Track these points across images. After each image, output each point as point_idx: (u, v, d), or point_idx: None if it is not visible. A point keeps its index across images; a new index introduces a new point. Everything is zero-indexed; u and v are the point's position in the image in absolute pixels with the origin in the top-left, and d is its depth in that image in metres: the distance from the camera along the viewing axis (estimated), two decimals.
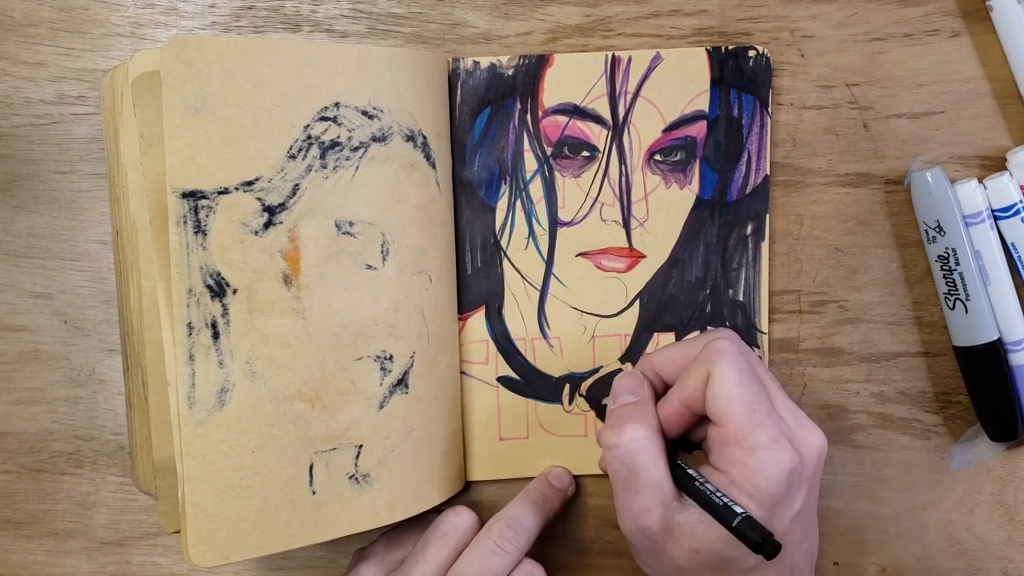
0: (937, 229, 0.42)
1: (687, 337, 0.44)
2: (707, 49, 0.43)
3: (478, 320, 0.45)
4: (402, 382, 0.41)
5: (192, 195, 0.36)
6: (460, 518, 0.41)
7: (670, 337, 0.45)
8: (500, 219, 0.44)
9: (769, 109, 0.44)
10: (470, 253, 0.44)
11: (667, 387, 0.40)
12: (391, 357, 0.40)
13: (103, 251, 0.44)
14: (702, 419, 0.39)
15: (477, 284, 0.44)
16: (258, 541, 0.37)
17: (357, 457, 0.40)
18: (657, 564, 0.38)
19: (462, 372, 0.45)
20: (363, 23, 0.44)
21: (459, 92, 0.43)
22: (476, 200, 0.44)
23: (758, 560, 0.36)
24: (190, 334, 0.36)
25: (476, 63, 0.43)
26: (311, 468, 0.39)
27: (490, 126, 0.43)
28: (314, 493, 0.39)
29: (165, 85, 0.35)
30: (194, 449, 0.36)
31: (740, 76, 0.43)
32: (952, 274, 0.43)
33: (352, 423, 0.39)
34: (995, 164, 0.44)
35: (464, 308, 0.44)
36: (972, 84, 0.44)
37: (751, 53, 0.43)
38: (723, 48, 0.43)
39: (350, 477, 0.40)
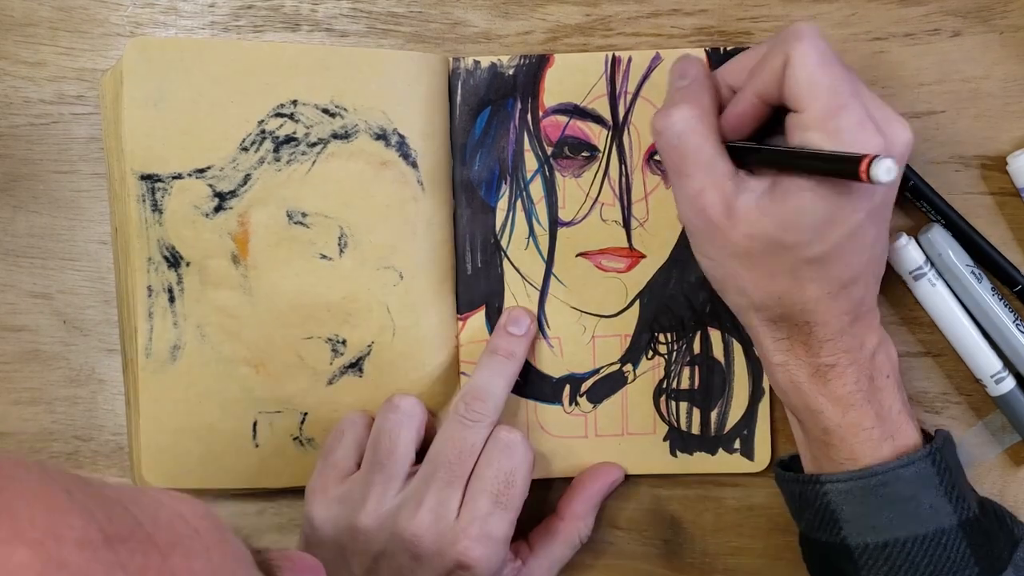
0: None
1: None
2: (707, 49, 0.43)
3: (478, 320, 0.44)
4: (355, 366, 0.43)
5: (149, 178, 0.40)
6: (402, 402, 0.41)
7: (670, 337, 0.45)
8: (500, 219, 0.44)
9: None
10: (470, 253, 0.44)
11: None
12: (344, 341, 0.43)
13: (103, 251, 0.44)
14: (777, 115, 0.36)
15: (477, 284, 0.44)
16: (204, 474, 0.43)
17: (302, 423, 0.43)
18: (715, 251, 0.36)
19: (461, 372, 0.45)
20: (363, 22, 0.44)
21: (459, 92, 0.43)
22: (476, 200, 0.44)
23: (820, 250, 0.34)
24: (149, 295, 0.41)
25: (476, 63, 0.43)
26: (255, 424, 0.43)
27: (490, 126, 0.43)
28: (257, 446, 0.43)
29: (127, 81, 0.39)
30: (149, 393, 0.42)
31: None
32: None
33: (298, 392, 0.43)
34: (995, 164, 0.44)
35: (464, 308, 0.44)
36: (973, 84, 0.44)
37: None
38: (723, 48, 0.43)
39: (294, 439, 0.43)
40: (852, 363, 0.37)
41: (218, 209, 0.41)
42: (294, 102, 0.41)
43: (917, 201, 0.44)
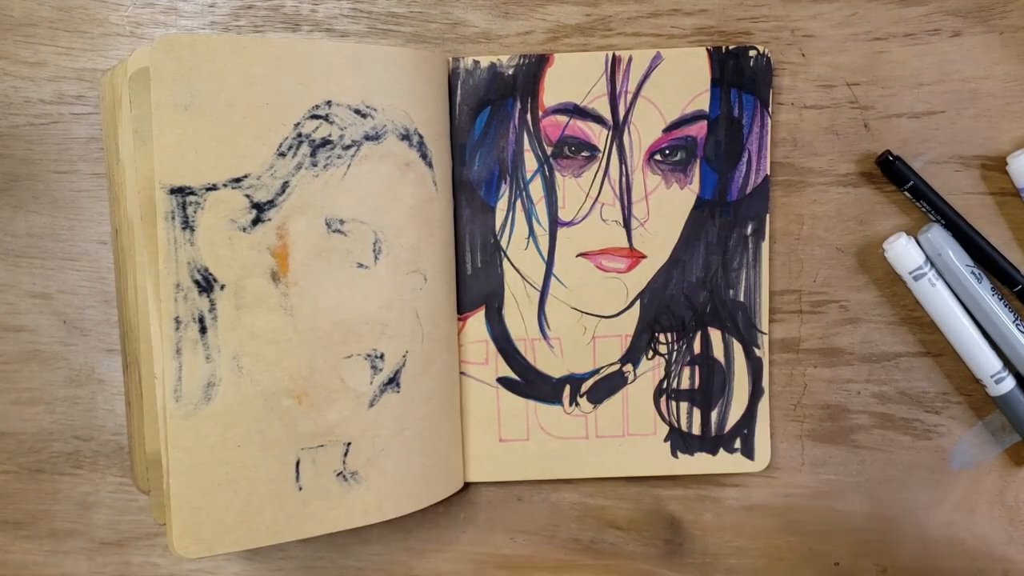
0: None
1: None
2: (707, 49, 0.43)
3: (478, 320, 0.44)
4: (393, 381, 0.40)
5: (180, 191, 0.36)
6: None
7: (670, 337, 0.45)
8: (500, 219, 0.44)
9: (770, 109, 0.43)
10: (470, 253, 0.44)
11: None
12: (382, 356, 0.40)
13: (102, 251, 0.44)
14: None
15: (477, 284, 0.44)
16: (243, 534, 0.38)
17: (345, 455, 0.40)
18: None
19: (461, 373, 0.45)
20: (363, 23, 0.44)
21: (459, 92, 0.43)
22: (476, 200, 0.44)
23: None
24: (177, 328, 0.37)
25: (476, 63, 0.43)
26: (298, 464, 0.39)
27: (490, 126, 0.43)
28: (300, 489, 0.39)
29: (154, 83, 0.36)
30: (180, 442, 0.37)
31: (741, 76, 0.43)
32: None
33: (340, 421, 0.39)
34: (995, 164, 0.44)
35: (464, 308, 0.44)
36: (973, 84, 0.44)
37: (752, 53, 0.43)
38: (723, 48, 0.43)
39: (338, 474, 0.40)
40: None
41: (256, 222, 0.37)
42: (328, 103, 0.38)
43: (917, 201, 0.44)
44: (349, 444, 0.40)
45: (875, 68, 0.44)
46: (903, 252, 0.43)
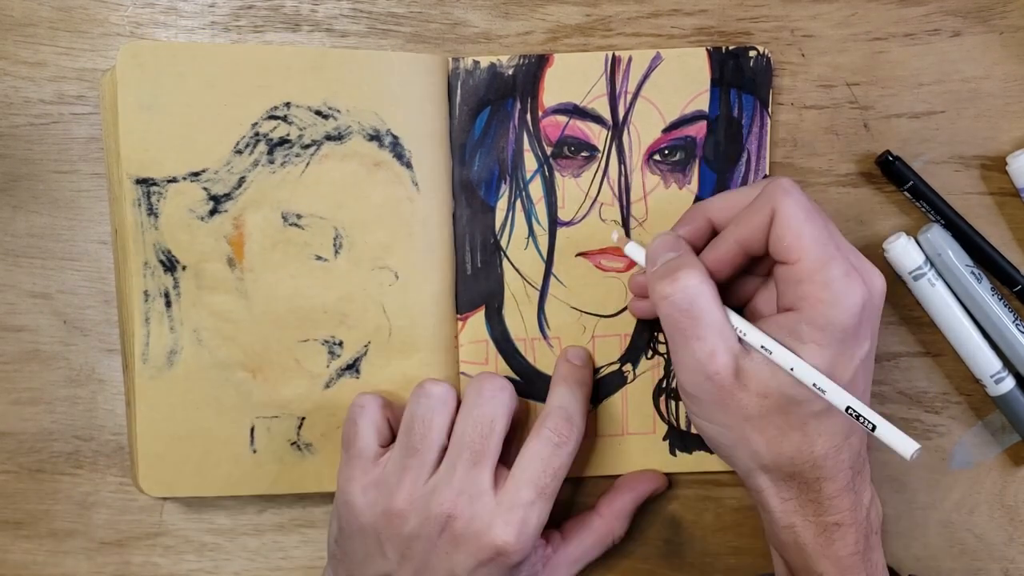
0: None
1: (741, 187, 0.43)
2: (707, 49, 0.43)
3: (478, 320, 0.44)
4: (352, 367, 0.43)
5: (144, 182, 0.41)
6: (434, 388, 0.40)
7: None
8: (500, 219, 0.44)
9: (769, 109, 0.43)
10: (470, 253, 0.44)
11: (715, 234, 0.40)
12: (340, 343, 0.43)
13: (102, 251, 0.44)
14: (751, 264, 0.39)
15: (477, 284, 0.44)
16: (200, 483, 0.43)
17: (299, 428, 0.43)
18: (724, 416, 0.37)
19: (461, 372, 0.45)
20: (363, 23, 0.44)
21: (459, 92, 0.43)
22: (476, 200, 0.44)
23: (826, 404, 0.36)
24: (146, 300, 0.42)
25: (476, 63, 0.43)
26: (252, 430, 0.43)
27: (490, 126, 0.43)
28: (255, 452, 0.43)
29: (121, 85, 0.40)
30: (146, 399, 0.42)
31: (740, 76, 0.43)
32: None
33: (295, 397, 0.43)
34: (995, 164, 0.44)
35: (464, 308, 0.44)
36: (973, 84, 0.44)
37: (751, 53, 0.43)
38: (723, 48, 0.43)
39: (292, 444, 0.43)
40: (854, 522, 0.38)
41: (213, 212, 0.41)
42: (287, 104, 0.41)
43: (917, 201, 0.44)
44: (303, 419, 0.43)
45: (875, 68, 0.44)
46: (903, 252, 0.43)
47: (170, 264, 0.41)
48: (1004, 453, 0.46)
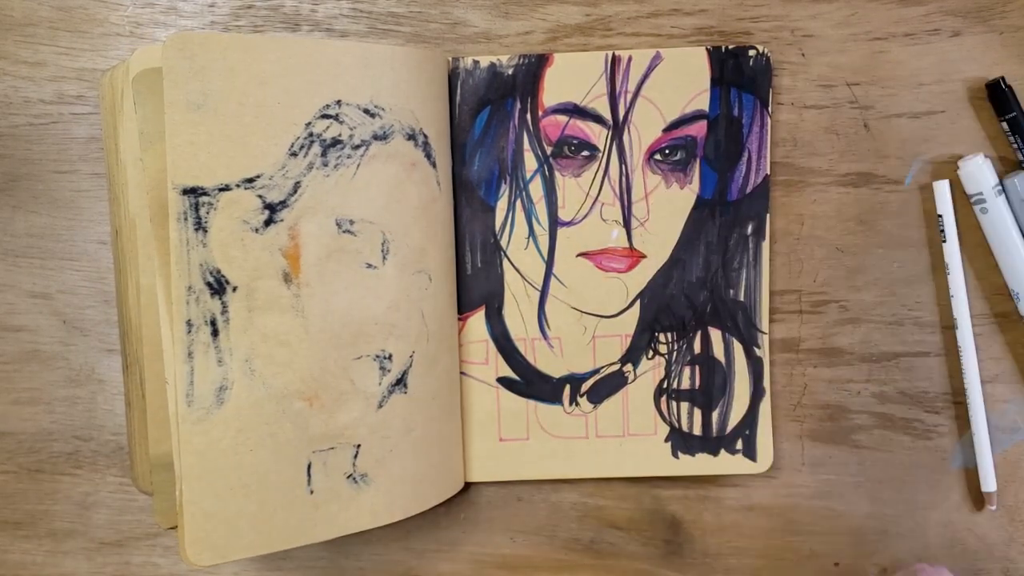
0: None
1: None
2: (707, 48, 0.43)
3: (478, 320, 0.44)
4: (401, 382, 0.40)
5: (193, 191, 0.36)
6: None
7: (671, 337, 0.45)
8: (500, 219, 0.44)
9: (769, 109, 0.43)
10: (470, 253, 0.44)
11: None
12: (390, 356, 0.40)
13: (102, 251, 0.44)
14: None
15: (477, 284, 0.44)
16: (256, 540, 0.38)
17: (355, 457, 0.40)
18: None
19: (462, 372, 0.45)
20: (363, 23, 0.44)
21: (459, 91, 0.43)
22: (476, 200, 0.44)
23: None
24: (189, 331, 0.36)
25: (476, 62, 0.43)
26: (309, 467, 0.39)
27: (490, 126, 0.43)
28: (312, 492, 0.39)
29: (167, 81, 0.35)
30: (192, 447, 0.36)
31: (740, 76, 0.43)
32: None
33: (351, 422, 0.39)
34: (994, 164, 0.44)
35: (464, 308, 0.44)
36: (973, 84, 0.44)
37: (751, 52, 0.43)
38: (723, 47, 0.43)
39: (348, 476, 0.40)
40: None
41: (268, 223, 0.37)
42: (338, 102, 0.38)
43: (1012, 135, 0.43)
44: (359, 446, 0.40)
45: (875, 68, 0.44)
46: (976, 171, 0.42)
47: (219, 286, 0.36)
48: (1004, 453, 0.46)
